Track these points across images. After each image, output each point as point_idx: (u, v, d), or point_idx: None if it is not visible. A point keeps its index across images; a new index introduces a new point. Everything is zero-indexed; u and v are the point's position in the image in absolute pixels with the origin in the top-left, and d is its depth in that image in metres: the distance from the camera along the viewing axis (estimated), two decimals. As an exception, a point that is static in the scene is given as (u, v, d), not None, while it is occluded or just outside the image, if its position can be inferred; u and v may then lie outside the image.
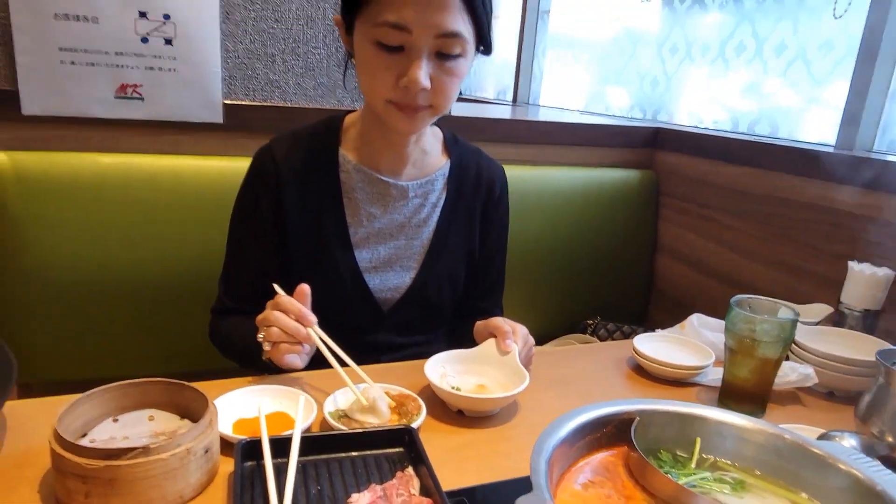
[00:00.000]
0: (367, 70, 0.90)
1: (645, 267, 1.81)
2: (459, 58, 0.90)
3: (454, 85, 0.92)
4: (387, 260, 1.06)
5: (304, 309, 0.87)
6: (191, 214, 1.29)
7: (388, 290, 1.07)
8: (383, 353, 1.09)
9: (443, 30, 0.86)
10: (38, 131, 1.23)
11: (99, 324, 1.26)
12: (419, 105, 0.90)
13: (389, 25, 0.85)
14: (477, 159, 1.12)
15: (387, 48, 0.87)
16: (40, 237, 1.21)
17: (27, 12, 1.16)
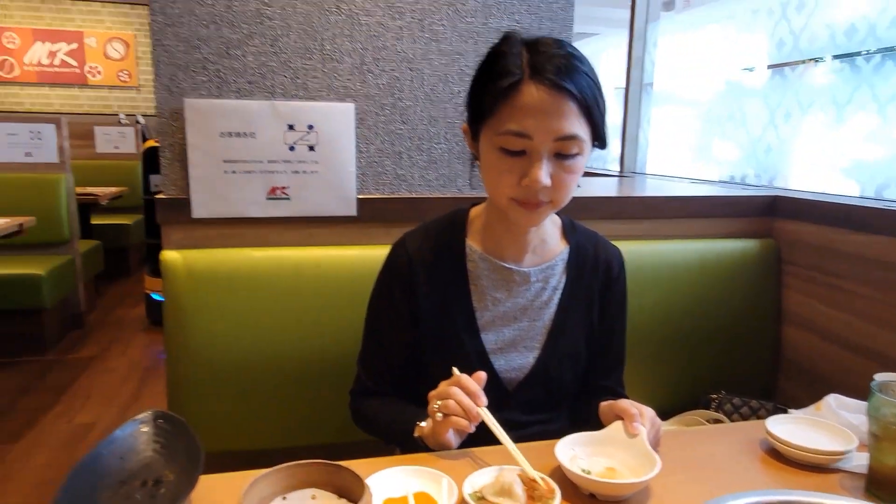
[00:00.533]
0: (492, 172, 1.00)
1: (770, 338, 1.75)
2: (577, 156, 0.97)
3: (572, 181, 0.99)
4: (511, 341, 1.12)
5: (480, 389, 0.95)
6: (329, 298, 1.42)
7: (512, 369, 1.12)
8: (508, 431, 1.13)
9: (561, 134, 0.94)
10: (204, 231, 1.42)
11: (254, 399, 1.40)
12: (540, 201, 0.98)
13: (512, 134, 0.94)
14: (594, 243, 1.18)
15: (510, 153, 0.96)
16: (205, 323, 1.37)
17: (199, 133, 1.37)
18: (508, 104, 0.94)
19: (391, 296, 1.13)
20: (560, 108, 0.93)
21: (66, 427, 2.79)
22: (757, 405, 1.62)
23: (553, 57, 0.95)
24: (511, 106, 0.94)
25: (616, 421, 0.99)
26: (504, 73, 0.95)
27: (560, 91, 0.93)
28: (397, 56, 1.46)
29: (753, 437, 1.08)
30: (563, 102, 0.93)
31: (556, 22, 1.52)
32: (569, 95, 0.93)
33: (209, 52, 1.36)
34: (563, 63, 0.95)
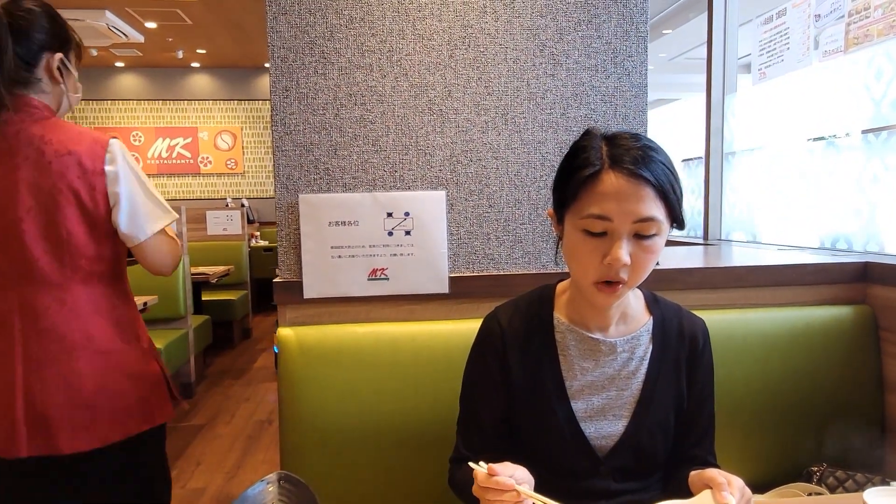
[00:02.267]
0: (576, 254, 1.09)
1: (873, 408, 1.69)
2: (655, 237, 1.06)
3: (650, 261, 1.07)
4: (600, 409, 1.18)
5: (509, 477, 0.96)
6: (425, 370, 1.53)
7: (602, 437, 1.18)
8: (599, 499, 1.18)
9: (639, 216, 1.03)
10: (313, 309, 1.58)
11: (358, 464, 1.50)
12: (619, 280, 1.06)
13: (594, 217, 1.04)
14: (678, 314, 1.23)
15: (592, 234, 1.05)
16: (314, 393, 1.51)
17: (311, 223, 1.56)
18: (590, 191, 1.05)
19: (485, 364, 1.21)
20: (638, 193, 1.03)
21: (180, 492, 3.00)
22: (863, 479, 1.56)
23: (630, 149, 1.06)
24: (592, 192, 1.05)
25: (706, 490, 1.02)
26: (586, 163, 1.07)
27: (637, 178, 1.03)
28: (483, 147, 1.61)
29: (852, 511, 1.07)
30: (640, 188, 1.03)
31: (630, 108, 1.63)
32: (645, 182, 1.03)
33: (320, 154, 1.57)
34: (639, 154, 1.05)
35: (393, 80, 1.57)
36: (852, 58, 2.07)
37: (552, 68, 1.61)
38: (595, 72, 1.62)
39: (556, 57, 1.61)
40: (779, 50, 2.40)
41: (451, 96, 1.59)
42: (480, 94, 1.60)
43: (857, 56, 2.04)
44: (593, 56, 1.62)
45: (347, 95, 1.57)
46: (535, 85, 1.61)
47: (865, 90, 2.04)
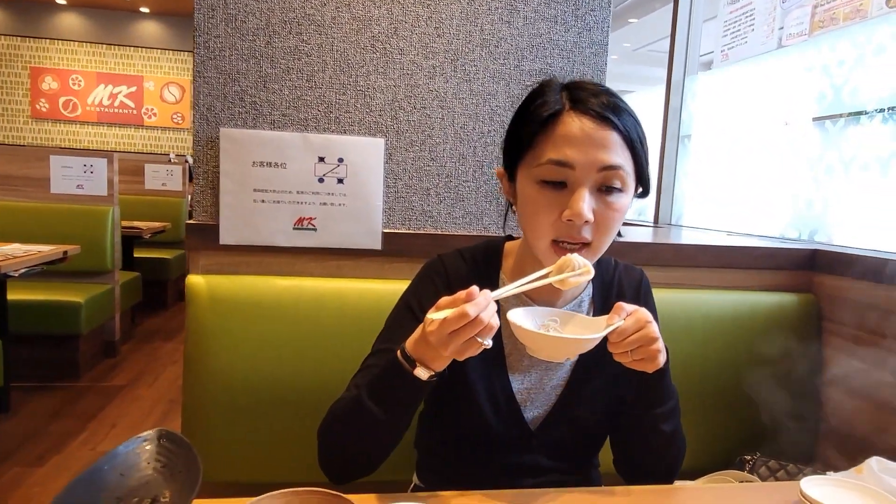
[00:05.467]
0: (530, 209, 0.96)
1: (810, 399, 1.66)
2: (621, 192, 0.94)
3: (615, 221, 0.95)
4: (538, 380, 1.08)
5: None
6: (351, 331, 1.40)
7: (536, 407, 1.08)
8: (527, 477, 1.08)
9: (605, 163, 0.91)
10: (230, 258, 1.44)
11: (269, 429, 1.37)
12: (581, 239, 0.94)
13: (553, 163, 0.91)
14: (615, 271, 1.14)
15: (550, 185, 0.92)
16: (225, 349, 1.37)
17: (232, 161, 1.40)
18: (548, 135, 0.93)
19: (420, 308, 1.05)
20: (603, 138, 0.91)
21: (89, 454, 2.80)
22: (795, 469, 1.52)
23: (596, 93, 0.94)
24: (551, 136, 0.92)
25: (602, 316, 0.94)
26: (543, 105, 0.94)
27: (603, 121, 0.91)
28: (429, 94, 1.48)
29: (787, 500, 1.01)
30: (605, 132, 0.91)
31: (589, 66, 1.53)
32: (611, 126, 0.91)
33: (247, 85, 1.41)
34: (605, 100, 0.93)
35: (334, 10, 1.42)
36: (816, 41, 2.01)
37: (509, 14, 1.49)
38: (554, 23, 1.51)
39: (515, 3, 1.49)
40: (743, 31, 2.34)
41: (396, 34, 1.45)
42: (429, 36, 1.46)
43: (820, 40, 1.99)
44: (553, 6, 1.50)
45: (282, 22, 1.41)
46: (490, 31, 1.48)
47: (826, 76, 1.99)
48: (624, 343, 0.91)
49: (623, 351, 0.92)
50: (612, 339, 0.91)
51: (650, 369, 0.94)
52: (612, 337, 0.91)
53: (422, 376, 0.89)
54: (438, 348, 0.85)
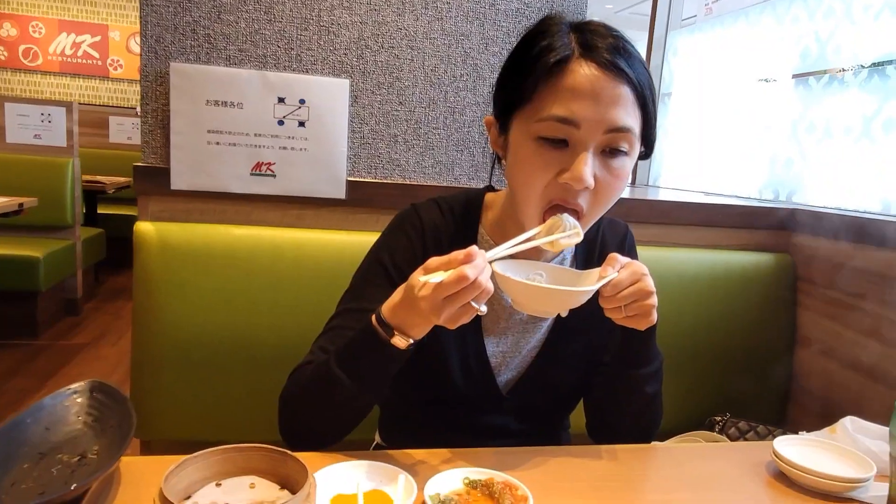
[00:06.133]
0: (525, 168, 0.85)
1: (783, 361, 1.64)
2: (625, 157, 0.84)
3: (615, 190, 0.86)
4: (513, 343, 1.02)
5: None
6: (311, 284, 1.33)
7: (509, 371, 1.02)
8: (495, 439, 1.03)
9: (613, 125, 0.81)
10: (182, 204, 1.34)
11: (218, 386, 1.30)
12: (576, 207, 0.85)
13: (556, 120, 0.80)
14: (598, 226, 1.07)
15: (549, 142, 0.82)
16: (175, 301, 1.29)
17: (183, 99, 1.30)
18: (553, 85, 0.81)
19: (392, 262, 0.97)
20: (615, 94, 0.80)
21: (46, 412, 2.71)
22: (765, 431, 1.50)
23: (606, 37, 0.83)
24: (556, 87, 0.81)
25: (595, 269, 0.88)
26: (549, 49, 0.82)
27: (616, 73, 0.80)
28: (398, 32, 1.38)
29: (759, 459, 0.97)
30: (618, 87, 0.81)
31: (568, 8, 1.44)
32: (625, 79, 0.81)
33: (200, 16, 1.30)
34: (617, 44, 0.82)
35: (295, -64, 1.31)
36: (805, -4, 1.94)
37: (485, -52, 1.39)
38: (534, -40, 1.41)
39: (492, -63, 1.39)
40: (729, -15, 2.25)
41: (364, -35, 1.34)
42: (399, -32, 1.36)
43: (809, -6, 1.92)
44: (533, -59, 1.41)
45: (238, -53, 1.29)
46: (465, -34, 1.38)
47: (812, 32, 1.93)
48: (618, 297, 0.83)
49: (616, 306, 0.84)
50: (606, 292, 0.84)
51: (642, 326, 0.87)
52: (606, 290, 0.83)
53: (400, 345, 0.81)
54: (430, 315, 0.76)
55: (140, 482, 0.76)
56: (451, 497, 0.77)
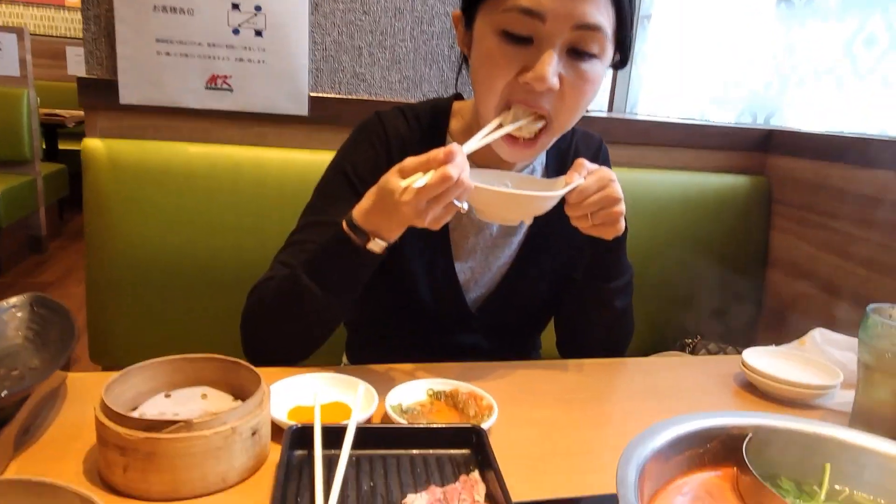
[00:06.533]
0: (485, 64, 0.80)
1: (754, 283, 1.64)
2: (595, 59, 0.78)
3: (584, 96, 0.81)
4: (484, 259, 0.98)
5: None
6: (272, 205, 1.28)
7: (479, 287, 0.99)
8: (465, 358, 1.01)
9: (582, 21, 0.75)
10: (133, 120, 1.26)
11: (178, 308, 1.26)
12: (539, 108, 0.80)
13: (520, 11, 0.74)
14: (571, 137, 1.02)
15: (512, 38, 0.76)
16: (129, 221, 1.23)
17: (130, 4, 1.20)
18: None
19: (355, 172, 0.92)
20: None
21: (12, 349, 2.66)
22: (734, 352, 1.51)
23: None
24: None
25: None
26: None
27: None
28: (361, -68, 1.28)
29: (728, 371, 0.97)
30: None
31: None
32: None
33: None
34: None
35: None
36: None
37: None
38: None
39: None
40: None
41: None
42: None
43: None
44: None
45: None
46: None
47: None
48: (584, 204, 0.80)
49: (582, 214, 0.81)
50: (572, 199, 0.80)
51: (609, 235, 0.84)
52: (572, 197, 0.80)
53: (375, 249, 0.78)
54: (413, 219, 0.72)
55: (86, 397, 0.72)
56: (414, 407, 0.75)
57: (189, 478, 0.57)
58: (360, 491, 0.59)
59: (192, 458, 0.56)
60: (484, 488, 0.60)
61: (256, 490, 0.59)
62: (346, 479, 0.59)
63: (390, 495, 0.58)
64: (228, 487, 0.59)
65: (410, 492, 0.59)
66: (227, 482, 0.59)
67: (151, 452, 0.55)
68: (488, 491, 0.59)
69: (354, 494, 0.58)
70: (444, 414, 0.74)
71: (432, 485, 0.60)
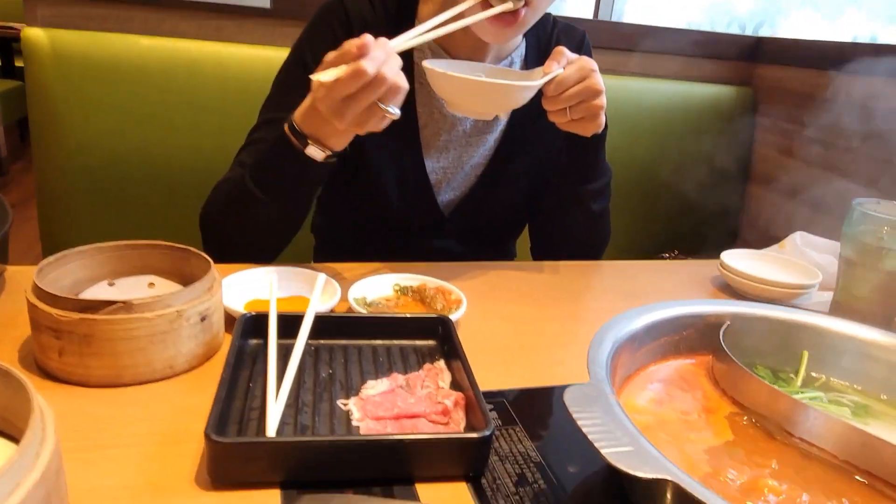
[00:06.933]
0: None
1: (735, 196, 1.61)
2: None
3: None
4: (456, 158, 0.93)
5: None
6: (232, 105, 1.20)
7: (452, 190, 0.94)
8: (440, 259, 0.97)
9: None
10: (78, 8, 1.17)
11: (135, 214, 1.20)
12: None
13: None
14: (552, 30, 0.96)
15: None
16: (77, 120, 1.15)
17: None
18: None
19: (315, 62, 0.86)
20: None
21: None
22: (710, 265, 1.50)
23: None
24: None
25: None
26: None
27: None
28: None
29: (706, 274, 0.95)
30: None
31: None
32: None
33: None
34: None
35: None
36: None
37: None
38: None
39: None
40: None
41: None
42: None
43: None
44: None
45: None
46: None
47: None
48: (563, 97, 0.75)
49: (561, 108, 0.76)
50: (550, 91, 0.74)
51: (589, 131, 0.79)
52: (550, 89, 0.74)
53: (316, 156, 0.71)
54: (332, 120, 0.66)
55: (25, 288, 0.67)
56: (379, 301, 0.71)
57: (132, 363, 0.53)
58: (318, 377, 0.55)
59: (135, 342, 0.52)
60: (449, 376, 0.57)
61: (207, 378, 0.56)
62: (303, 366, 0.56)
63: (350, 381, 0.55)
64: (177, 375, 0.56)
65: (371, 379, 0.55)
66: (175, 369, 0.55)
67: (88, 335, 0.51)
68: (454, 380, 0.56)
69: (311, 381, 0.55)
70: (411, 309, 0.71)
71: (395, 372, 0.57)
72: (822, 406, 0.53)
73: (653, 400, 0.52)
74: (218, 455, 0.42)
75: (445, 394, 0.53)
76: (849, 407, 0.54)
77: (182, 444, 0.47)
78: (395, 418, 0.50)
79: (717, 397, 0.54)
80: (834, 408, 0.54)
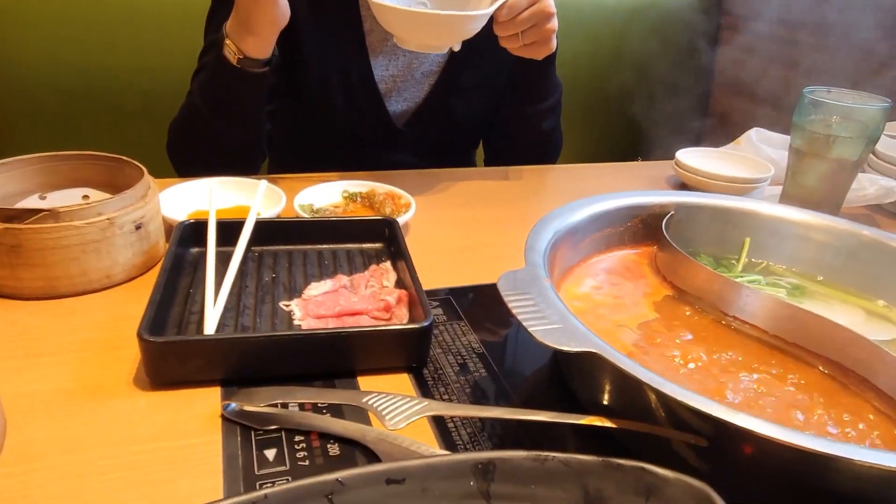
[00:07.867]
0: None
1: (699, 101, 1.59)
2: None
3: None
4: (406, 66, 0.89)
5: None
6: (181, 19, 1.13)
7: (404, 100, 0.91)
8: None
9: None
10: None
11: (75, 135, 1.15)
12: None
13: None
14: None
15: None
16: (8, 37, 1.07)
17: None
18: None
19: None
20: None
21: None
22: (673, 172, 1.50)
23: None
24: None
25: None
26: None
27: None
28: None
29: (661, 174, 0.95)
30: None
31: None
32: None
33: None
34: None
35: None
36: None
37: None
38: None
39: None
40: None
41: None
42: None
43: None
44: None
45: None
46: None
47: None
48: (514, 22, 0.72)
49: (513, 33, 0.74)
50: (501, 17, 0.72)
51: (541, 55, 0.77)
52: (501, 14, 0.72)
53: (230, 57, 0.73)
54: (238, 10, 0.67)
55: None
56: (327, 208, 0.70)
57: (66, 273, 0.51)
58: (261, 281, 0.55)
59: (66, 251, 0.51)
60: (395, 276, 0.57)
61: (147, 288, 0.54)
62: (246, 271, 0.55)
63: (294, 284, 0.55)
64: (116, 285, 0.55)
65: (315, 281, 0.55)
66: (114, 279, 0.54)
67: (16, 245, 0.49)
68: (398, 279, 0.56)
69: (254, 285, 0.54)
70: (360, 214, 0.69)
71: (339, 274, 0.56)
72: (760, 288, 0.55)
73: (594, 287, 0.53)
74: (153, 354, 0.42)
75: (389, 291, 0.53)
76: (785, 288, 0.56)
77: (121, 350, 0.46)
78: (336, 316, 0.50)
79: (656, 284, 0.54)
80: (770, 289, 0.55)
